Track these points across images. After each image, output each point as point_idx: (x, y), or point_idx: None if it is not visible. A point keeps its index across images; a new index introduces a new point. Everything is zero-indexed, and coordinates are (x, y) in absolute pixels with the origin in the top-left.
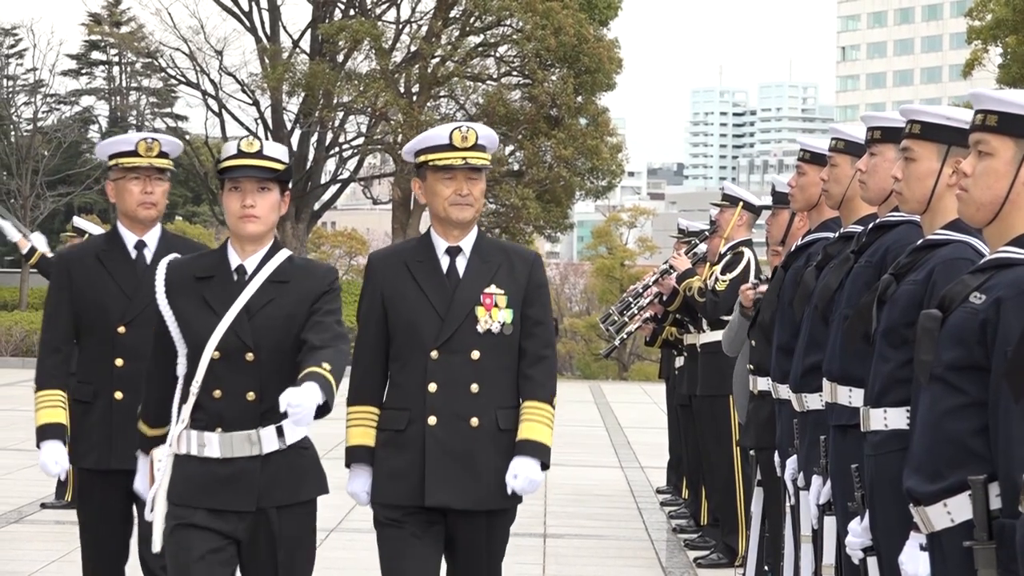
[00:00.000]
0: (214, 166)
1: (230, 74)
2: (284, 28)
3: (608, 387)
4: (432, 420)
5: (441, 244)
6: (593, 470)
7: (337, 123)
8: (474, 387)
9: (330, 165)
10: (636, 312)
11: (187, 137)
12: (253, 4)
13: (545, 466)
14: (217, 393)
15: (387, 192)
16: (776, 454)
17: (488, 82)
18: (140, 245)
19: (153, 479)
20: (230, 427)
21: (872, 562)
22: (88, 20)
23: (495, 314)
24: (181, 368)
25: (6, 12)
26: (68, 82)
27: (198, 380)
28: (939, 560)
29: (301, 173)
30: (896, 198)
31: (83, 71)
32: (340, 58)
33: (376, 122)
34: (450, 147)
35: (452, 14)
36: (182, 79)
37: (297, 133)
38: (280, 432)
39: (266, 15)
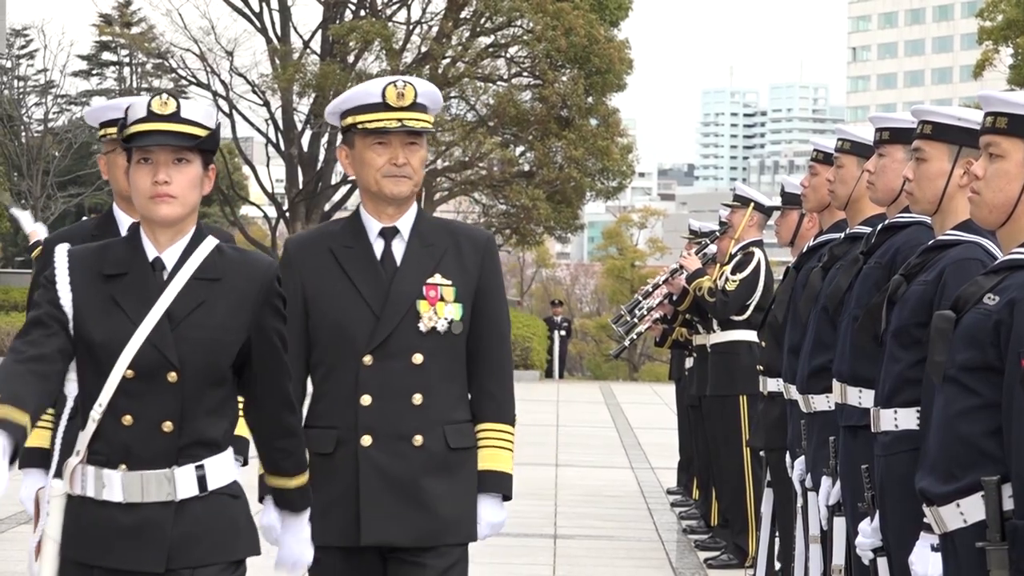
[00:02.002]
0: (119, 131)
1: (241, 75)
2: (295, 29)
3: (618, 388)
4: (366, 440)
5: (373, 225)
6: (604, 471)
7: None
8: (417, 398)
9: (339, 166)
10: (646, 312)
11: None
12: (264, 5)
13: (507, 497)
14: (127, 420)
15: None
16: (787, 455)
17: (499, 83)
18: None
19: (38, 521)
20: (138, 464)
21: (882, 563)
22: (99, 21)
23: (441, 309)
24: (72, 387)
25: (17, 13)
26: (79, 83)
27: (102, 403)
28: (952, 561)
29: (312, 174)
30: (907, 198)
31: (94, 72)
32: (351, 59)
33: None
34: (383, 106)
35: (463, 15)
36: (193, 80)
37: (308, 134)
38: (200, 473)
39: (277, 16)
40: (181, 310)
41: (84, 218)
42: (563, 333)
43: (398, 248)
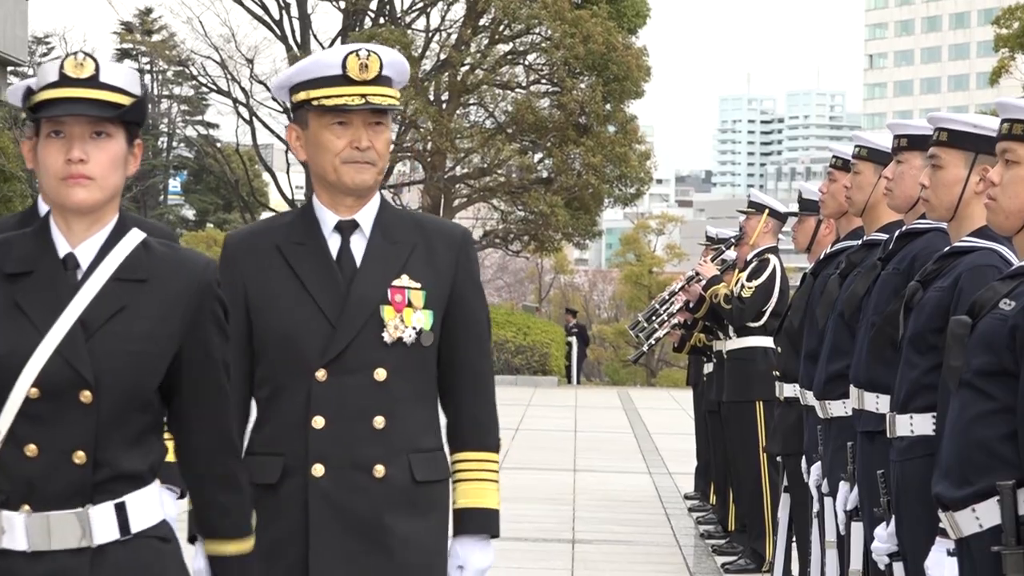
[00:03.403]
0: (24, 100)
1: (261, 82)
2: (315, 36)
3: (636, 393)
4: (318, 469)
5: (329, 218)
6: (621, 476)
7: None
8: (379, 421)
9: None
10: (665, 318)
11: (218, 145)
12: (284, 13)
13: (494, 536)
14: (31, 450)
15: (416, 199)
16: (803, 460)
17: (517, 90)
18: None
19: None
20: (44, 504)
21: (898, 567)
22: (120, 29)
23: (408, 317)
24: None
25: (39, 21)
26: None
27: (1, 429)
28: (968, 565)
29: None
30: (924, 205)
31: None
32: None
33: (406, 130)
34: (343, 79)
35: (481, 22)
36: (213, 87)
37: None
38: (122, 512)
39: (296, 24)
40: (97, 317)
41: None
42: (571, 339)
43: (358, 245)
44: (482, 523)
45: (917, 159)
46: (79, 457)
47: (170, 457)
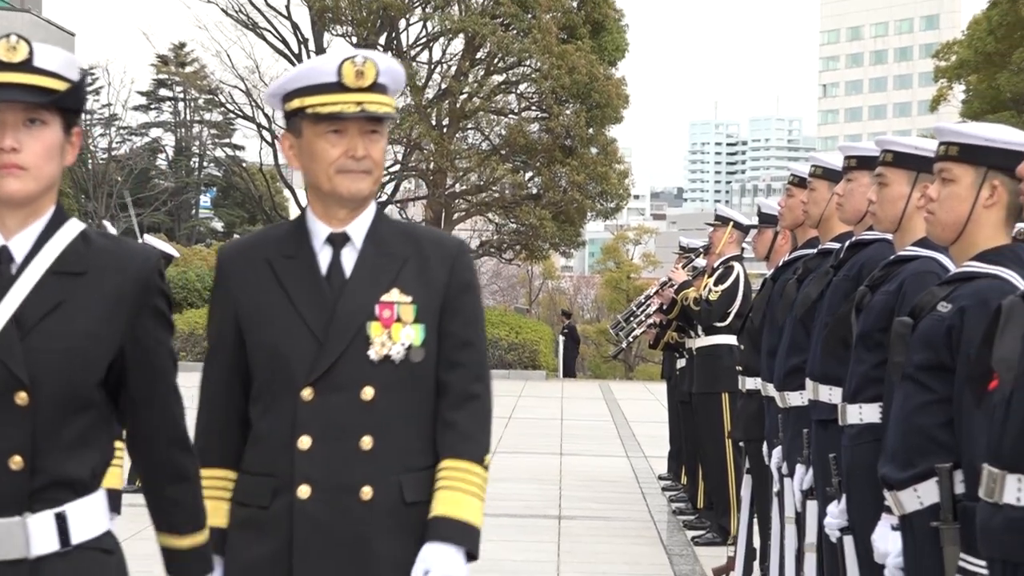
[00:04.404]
0: None
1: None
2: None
3: (616, 385)
4: (304, 491)
5: (321, 231)
6: (602, 459)
7: None
8: (366, 441)
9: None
10: (642, 319)
11: (244, 164)
12: (302, 47)
13: (472, 556)
14: None
15: (421, 213)
16: (764, 445)
17: (510, 116)
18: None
19: None
20: None
21: (848, 540)
22: (156, 61)
23: (397, 332)
24: None
25: (85, 53)
26: (139, 116)
27: None
28: (910, 538)
29: None
30: (871, 218)
31: (152, 106)
32: None
33: (411, 151)
34: (338, 87)
35: (478, 56)
36: (239, 113)
37: None
38: (62, 522)
39: (314, 56)
40: (33, 313)
41: (144, 235)
42: (563, 338)
43: (348, 258)
44: (457, 533)
45: (865, 177)
46: (15, 463)
47: None
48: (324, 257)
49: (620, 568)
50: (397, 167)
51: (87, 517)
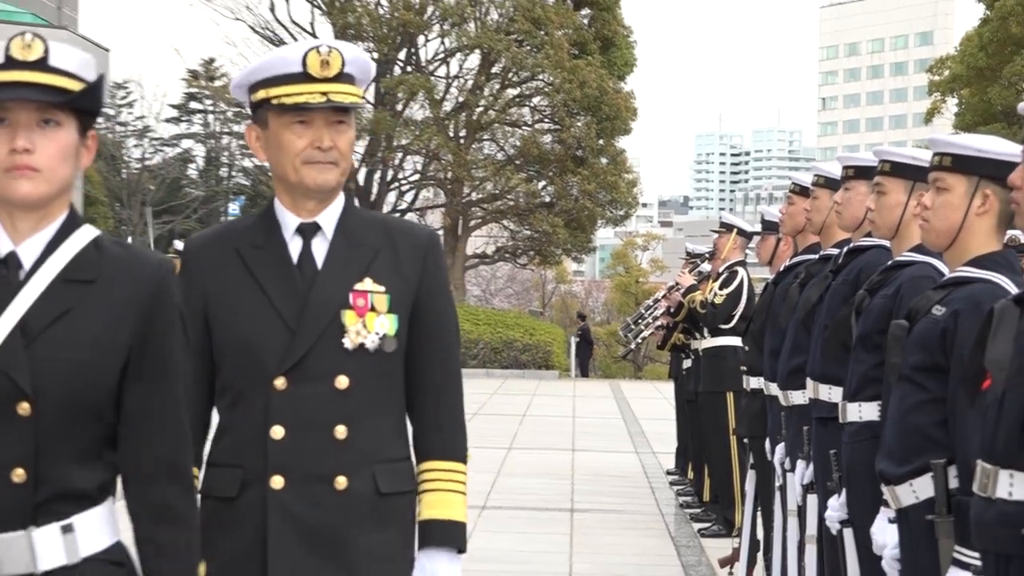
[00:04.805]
0: None
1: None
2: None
3: (625, 385)
4: (277, 481)
5: (290, 220)
6: (613, 455)
7: (397, 162)
8: (340, 431)
9: (391, 198)
10: (650, 321)
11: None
12: None
13: (461, 551)
14: None
15: (439, 220)
16: (767, 442)
17: (524, 127)
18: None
19: None
20: None
21: (848, 533)
22: (187, 76)
23: (371, 322)
24: None
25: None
26: (170, 128)
27: None
28: (906, 531)
29: (366, 204)
30: (869, 225)
31: (183, 118)
32: (399, 107)
33: (430, 161)
34: (304, 77)
35: (494, 70)
36: None
37: (363, 171)
38: (69, 535)
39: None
40: (39, 321)
41: (176, 241)
42: (576, 339)
43: (319, 248)
44: (449, 536)
45: (863, 186)
46: (18, 475)
47: None
48: (295, 247)
49: (630, 559)
50: (417, 176)
51: (96, 529)
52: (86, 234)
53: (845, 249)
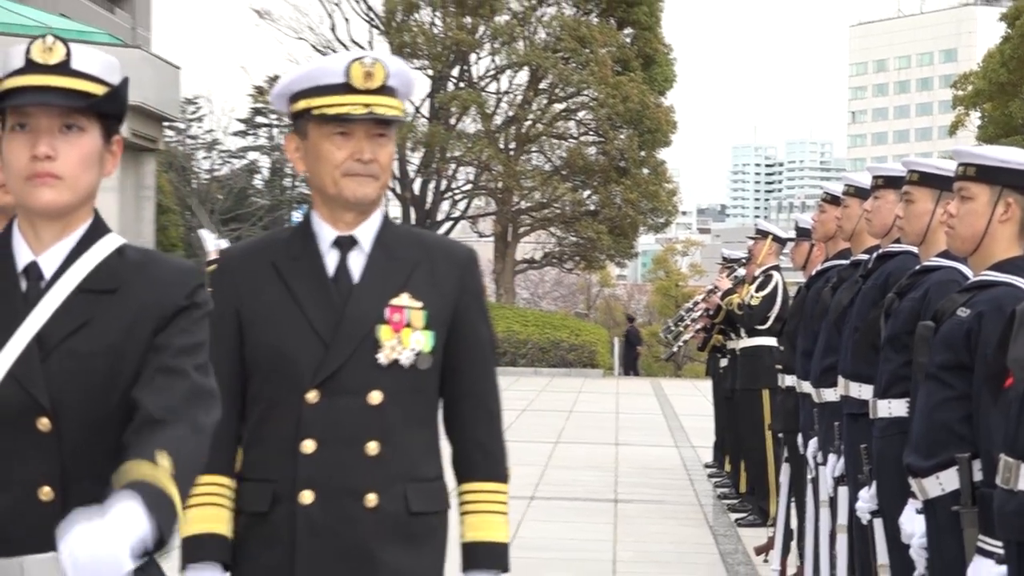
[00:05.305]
0: None
1: None
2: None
3: (666, 383)
4: (306, 496)
5: (327, 233)
6: (654, 448)
7: (450, 173)
8: (372, 447)
9: (444, 206)
10: (689, 323)
11: None
12: None
13: (504, 571)
14: None
15: (490, 227)
16: (800, 436)
17: (570, 140)
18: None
19: None
20: (11, 548)
21: (878, 523)
22: (253, 91)
23: (407, 338)
24: None
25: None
26: (238, 140)
27: None
28: (932, 521)
29: (422, 213)
30: (898, 232)
31: (249, 131)
32: (453, 121)
33: (481, 172)
34: (346, 88)
35: (541, 86)
36: None
37: (418, 181)
38: None
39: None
40: (56, 332)
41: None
42: (622, 339)
43: (356, 262)
44: (493, 558)
45: (891, 195)
46: (45, 493)
47: None
48: (331, 260)
49: (670, 547)
50: (469, 186)
51: None
52: (110, 243)
53: (875, 255)
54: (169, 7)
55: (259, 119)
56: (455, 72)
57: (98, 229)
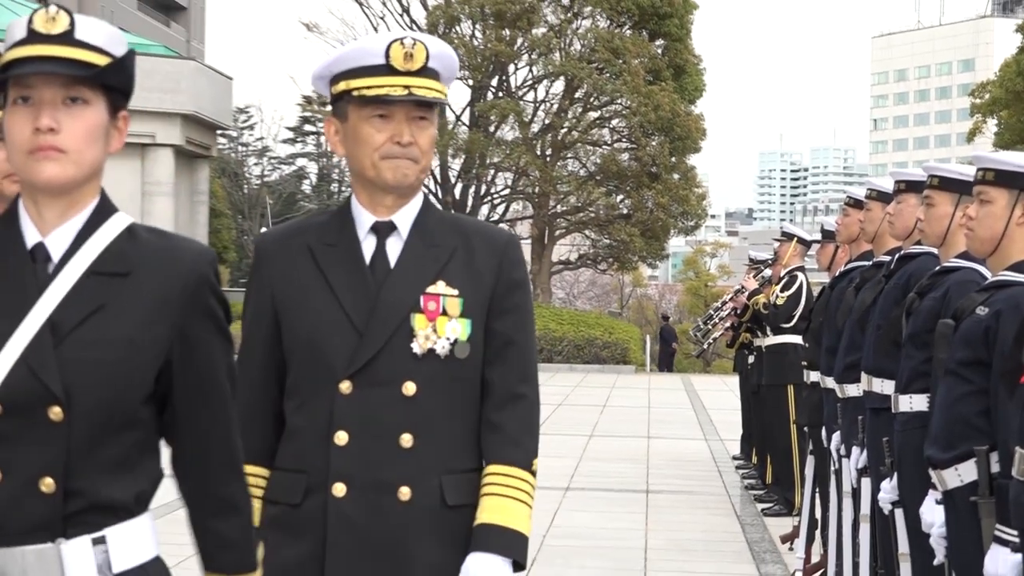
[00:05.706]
0: None
1: None
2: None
3: (695, 378)
4: (339, 489)
5: (365, 218)
6: (684, 441)
7: (489, 178)
8: (406, 439)
9: (484, 210)
10: (718, 321)
11: None
12: None
13: (519, 566)
14: None
15: (528, 230)
16: (824, 430)
17: (604, 147)
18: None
19: None
20: (8, 538)
21: (899, 513)
22: (302, 101)
23: (442, 326)
24: None
25: (241, 95)
26: (287, 148)
27: None
28: (951, 511)
29: None
30: (919, 234)
31: (298, 139)
32: (492, 129)
33: (519, 177)
34: (387, 69)
35: (577, 95)
36: None
37: (459, 186)
38: (101, 549)
39: None
40: (70, 318)
41: None
42: (656, 337)
43: (393, 248)
44: (504, 543)
45: (913, 199)
46: (46, 485)
47: None
48: (368, 246)
49: (699, 535)
50: (507, 191)
51: (131, 542)
52: (119, 222)
53: (896, 256)
54: (222, 21)
55: (307, 127)
56: (494, 82)
57: (106, 208)
